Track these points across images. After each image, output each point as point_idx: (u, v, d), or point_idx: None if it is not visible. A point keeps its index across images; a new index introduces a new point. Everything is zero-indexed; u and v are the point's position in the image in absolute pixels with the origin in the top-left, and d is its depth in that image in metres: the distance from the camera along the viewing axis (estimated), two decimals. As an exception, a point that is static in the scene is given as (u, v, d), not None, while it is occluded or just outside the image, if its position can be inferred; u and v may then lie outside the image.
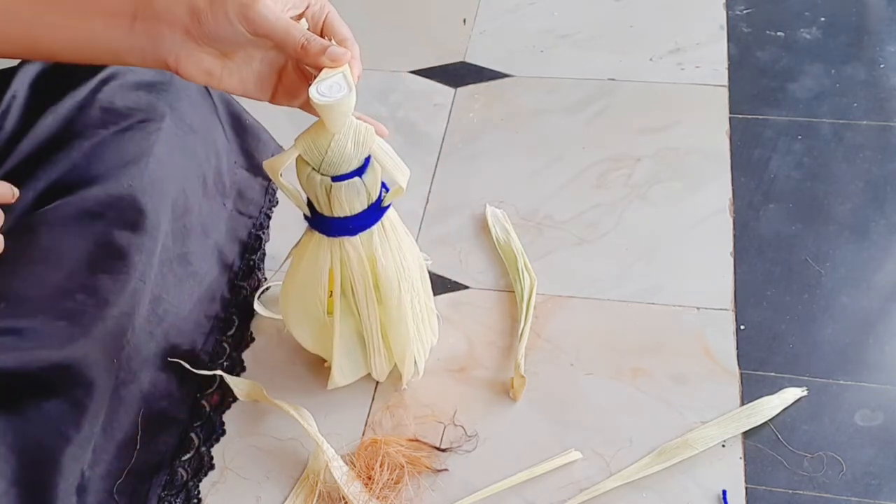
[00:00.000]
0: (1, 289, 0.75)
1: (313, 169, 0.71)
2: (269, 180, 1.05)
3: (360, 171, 0.72)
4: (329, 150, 0.70)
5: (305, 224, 0.79)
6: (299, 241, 0.82)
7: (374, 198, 0.75)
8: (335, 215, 0.74)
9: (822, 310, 0.95)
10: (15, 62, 0.87)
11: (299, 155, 0.71)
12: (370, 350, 0.86)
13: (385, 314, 0.83)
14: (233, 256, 0.98)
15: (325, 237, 0.77)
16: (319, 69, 0.67)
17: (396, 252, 0.79)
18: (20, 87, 0.85)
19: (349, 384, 0.90)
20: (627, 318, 0.96)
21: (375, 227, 0.77)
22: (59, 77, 0.85)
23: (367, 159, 0.72)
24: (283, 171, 0.73)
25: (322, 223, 0.76)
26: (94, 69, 0.86)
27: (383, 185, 0.76)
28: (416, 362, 0.88)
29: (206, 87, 0.92)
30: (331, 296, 0.82)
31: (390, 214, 0.78)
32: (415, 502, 0.83)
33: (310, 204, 0.76)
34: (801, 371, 0.90)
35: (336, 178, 0.71)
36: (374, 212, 0.76)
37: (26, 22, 0.69)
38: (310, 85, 0.67)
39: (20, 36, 0.70)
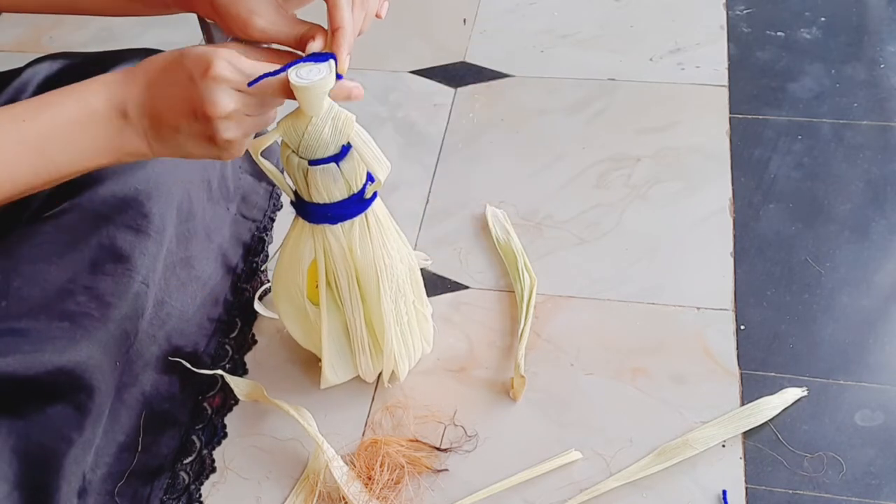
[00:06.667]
0: (2, 287, 0.75)
1: (292, 151, 0.73)
2: (274, 185, 1.06)
3: (337, 158, 0.73)
4: (306, 133, 0.70)
5: None
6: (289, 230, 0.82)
7: (355, 188, 0.75)
8: (314, 200, 0.75)
9: (822, 310, 0.95)
10: (21, 63, 0.88)
11: (282, 137, 0.72)
12: (355, 347, 0.86)
13: (368, 311, 0.83)
14: (236, 259, 0.98)
15: (307, 224, 0.78)
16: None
17: (379, 248, 0.79)
18: (28, 87, 0.85)
19: (349, 385, 0.90)
20: (627, 318, 0.96)
21: (357, 219, 0.78)
22: (67, 79, 0.85)
23: (347, 147, 0.73)
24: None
25: (303, 208, 0.77)
26: (101, 69, 0.86)
27: (370, 177, 0.77)
28: (396, 367, 0.87)
29: None
30: (317, 286, 0.82)
31: (377, 210, 0.79)
32: (415, 502, 0.83)
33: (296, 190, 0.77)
34: (801, 371, 0.90)
35: (313, 162, 0.72)
36: (356, 203, 0.76)
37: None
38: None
39: (66, 8, 0.81)
